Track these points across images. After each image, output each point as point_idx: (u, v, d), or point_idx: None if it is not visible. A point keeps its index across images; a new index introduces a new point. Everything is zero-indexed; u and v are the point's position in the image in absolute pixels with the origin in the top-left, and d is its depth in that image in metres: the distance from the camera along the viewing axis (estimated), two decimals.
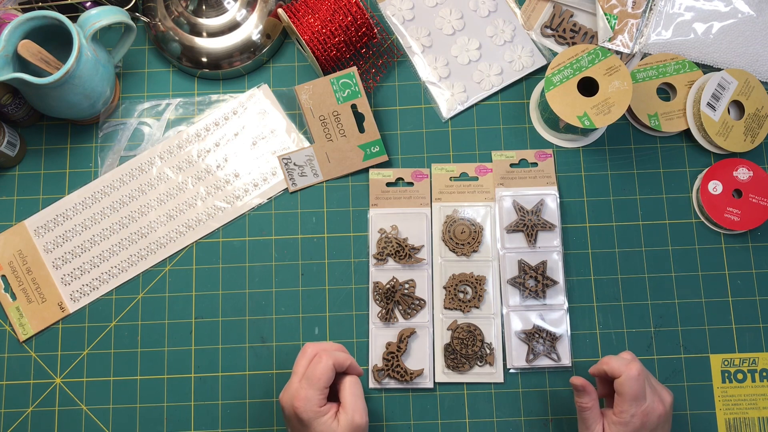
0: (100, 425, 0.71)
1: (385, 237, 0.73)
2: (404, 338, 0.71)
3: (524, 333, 0.71)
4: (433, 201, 0.74)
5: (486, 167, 0.75)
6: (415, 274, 0.72)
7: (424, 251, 0.73)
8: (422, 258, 0.72)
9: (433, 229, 0.74)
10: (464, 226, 0.73)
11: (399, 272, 0.72)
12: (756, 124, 0.75)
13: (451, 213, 0.74)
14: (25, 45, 0.66)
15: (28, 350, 0.73)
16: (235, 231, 0.75)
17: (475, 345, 0.70)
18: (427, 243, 0.73)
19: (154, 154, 0.76)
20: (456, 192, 0.75)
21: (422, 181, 0.75)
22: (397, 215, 0.74)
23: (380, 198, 0.74)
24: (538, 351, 0.71)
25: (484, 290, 0.72)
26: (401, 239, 0.73)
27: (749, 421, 0.71)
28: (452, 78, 0.78)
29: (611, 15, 0.76)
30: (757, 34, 0.77)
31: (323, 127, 0.75)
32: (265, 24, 0.77)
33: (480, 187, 0.75)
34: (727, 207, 0.73)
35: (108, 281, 0.74)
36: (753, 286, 0.73)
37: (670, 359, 0.72)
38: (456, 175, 0.75)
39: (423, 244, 0.73)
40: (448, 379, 0.71)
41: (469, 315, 0.72)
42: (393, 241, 0.72)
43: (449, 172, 0.75)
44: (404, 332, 0.71)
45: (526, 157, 0.76)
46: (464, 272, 0.72)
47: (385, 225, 0.73)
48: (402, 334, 0.71)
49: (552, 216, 0.74)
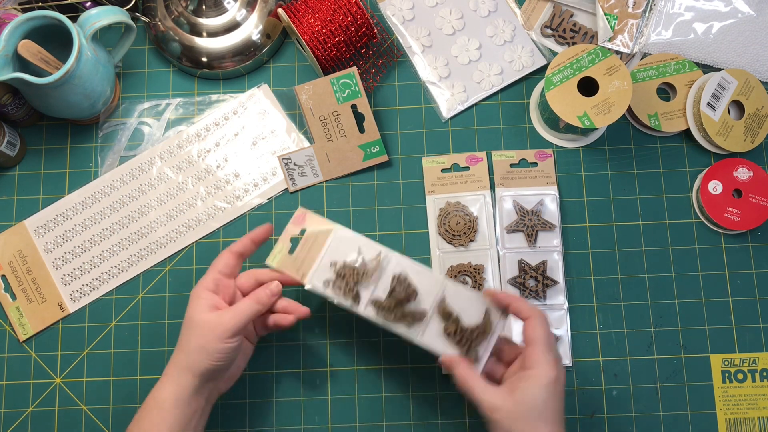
0: (100, 425, 0.71)
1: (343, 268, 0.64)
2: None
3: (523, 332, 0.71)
4: (426, 194, 0.75)
5: (476, 156, 0.75)
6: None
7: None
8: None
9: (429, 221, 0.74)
10: (459, 217, 0.73)
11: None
12: (756, 124, 0.75)
13: (444, 206, 0.74)
14: (25, 45, 0.66)
15: (28, 350, 0.73)
16: (235, 231, 0.75)
17: None
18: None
19: (154, 154, 0.76)
20: (449, 183, 0.75)
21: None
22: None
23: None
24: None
25: (483, 279, 0.72)
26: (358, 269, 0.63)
27: (749, 421, 0.71)
28: (452, 78, 0.78)
29: (611, 15, 0.76)
30: (757, 34, 0.77)
31: (323, 127, 0.75)
32: (265, 24, 0.77)
33: (472, 177, 0.75)
34: (727, 207, 0.73)
35: (108, 281, 0.74)
36: (753, 286, 0.73)
37: (670, 359, 0.72)
38: (447, 166, 0.75)
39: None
40: None
41: None
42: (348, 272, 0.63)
43: (440, 164, 0.75)
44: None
45: (526, 157, 0.76)
46: (462, 263, 0.73)
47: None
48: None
49: (552, 216, 0.74)
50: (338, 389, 0.72)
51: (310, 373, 0.72)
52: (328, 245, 0.64)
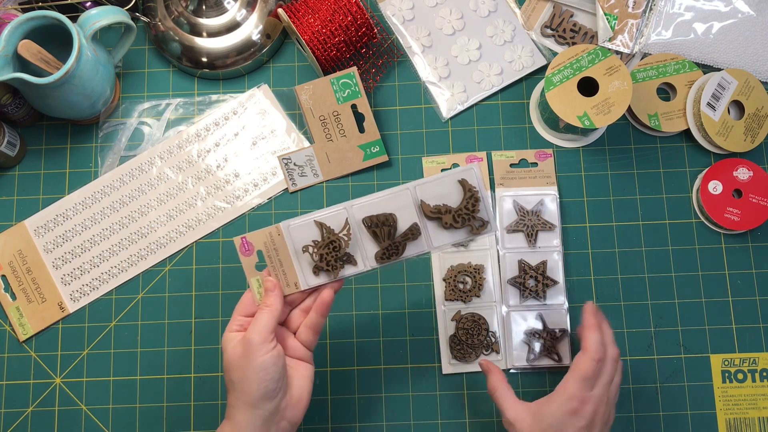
0: (100, 425, 0.71)
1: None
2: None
3: (524, 333, 0.71)
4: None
5: (476, 156, 0.75)
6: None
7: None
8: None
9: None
10: None
11: None
12: (756, 124, 0.75)
13: None
14: (25, 45, 0.66)
15: (28, 350, 0.73)
16: (235, 231, 0.75)
17: (480, 334, 0.71)
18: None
19: (154, 154, 0.76)
20: None
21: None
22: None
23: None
24: (538, 351, 0.71)
25: (483, 279, 0.72)
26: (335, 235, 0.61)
27: (749, 421, 0.71)
28: (452, 78, 0.78)
29: (611, 15, 0.76)
30: (757, 34, 0.77)
31: (323, 127, 0.75)
32: (265, 24, 0.77)
33: None
34: (727, 207, 0.73)
35: (108, 281, 0.74)
36: (753, 286, 0.73)
37: (670, 359, 0.72)
38: (447, 166, 0.75)
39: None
40: (455, 370, 0.71)
41: (470, 304, 0.72)
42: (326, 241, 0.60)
43: (440, 164, 0.75)
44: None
45: (526, 157, 0.76)
46: (462, 263, 0.73)
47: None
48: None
49: (552, 216, 0.74)
50: (338, 389, 0.72)
51: None
52: (289, 244, 0.61)
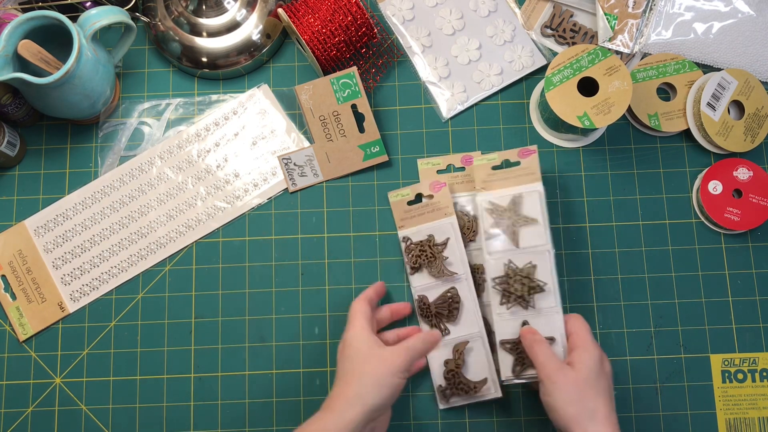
0: (100, 425, 0.71)
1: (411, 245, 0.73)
2: (460, 352, 0.70)
3: (509, 343, 0.68)
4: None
5: (471, 156, 0.75)
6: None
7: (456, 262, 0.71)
8: (455, 272, 0.71)
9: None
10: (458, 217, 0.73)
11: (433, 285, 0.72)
12: (756, 124, 0.75)
13: None
14: (25, 45, 0.66)
15: (28, 350, 0.73)
16: (235, 231, 0.75)
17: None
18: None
19: (154, 154, 0.76)
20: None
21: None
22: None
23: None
24: (527, 360, 0.67)
25: (483, 279, 0.72)
26: (426, 241, 0.72)
27: (749, 421, 0.71)
28: (452, 78, 0.78)
29: (611, 15, 0.76)
30: (757, 34, 0.77)
31: (323, 127, 0.75)
32: (265, 24, 0.77)
33: (467, 177, 0.74)
34: (727, 207, 0.73)
35: (108, 281, 0.74)
36: (753, 286, 0.73)
37: (670, 359, 0.72)
38: (443, 167, 0.75)
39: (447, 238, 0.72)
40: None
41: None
42: (418, 248, 0.72)
43: (435, 165, 0.75)
44: (459, 346, 0.70)
45: (509, 157, 0.72)
46: None
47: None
48: (457, 348, 0.70)
49: (533, 211, 0.69)
50: None
51: (310, 373, 0.72)
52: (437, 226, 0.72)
